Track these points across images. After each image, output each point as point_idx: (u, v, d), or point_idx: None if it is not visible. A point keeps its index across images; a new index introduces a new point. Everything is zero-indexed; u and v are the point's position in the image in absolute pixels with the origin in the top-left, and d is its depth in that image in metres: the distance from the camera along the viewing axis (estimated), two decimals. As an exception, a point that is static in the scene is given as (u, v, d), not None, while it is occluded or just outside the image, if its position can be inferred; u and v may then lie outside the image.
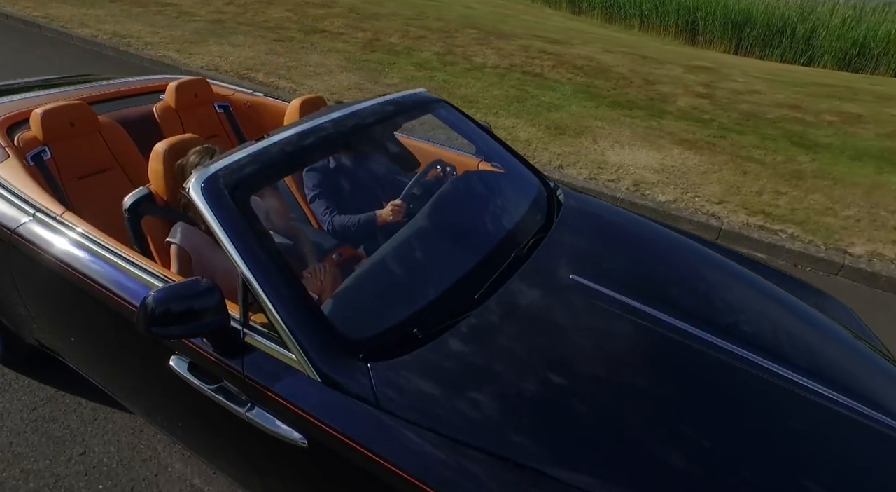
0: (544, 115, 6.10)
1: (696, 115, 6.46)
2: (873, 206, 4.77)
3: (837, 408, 1.54)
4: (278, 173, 1.92)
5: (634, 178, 4.79)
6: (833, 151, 5.84)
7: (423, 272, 1.84)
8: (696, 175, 5.02)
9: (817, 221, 4.41)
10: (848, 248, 4.02)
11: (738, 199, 4.66)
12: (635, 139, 5.63)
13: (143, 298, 1.38)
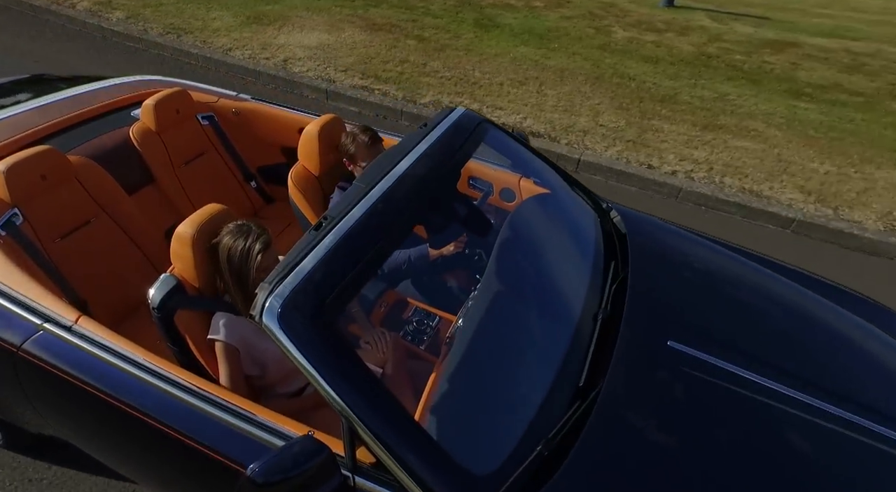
0: (253, 6, 6.88)
1: (409, 3, 7.24)
2: (475, 69, 5.86)
3: None
4: (365, 274, 1.52)
5: (287, 55, 5.77)
6: (505, 30, 6.92)
7: (518, 363, 1.69)
8: (345, 50, 6.06)
9: (415, 81, 5.52)
10: (417, 99, 5.15)
11: (363, 68, 5.78)
12: (322, 25, 6.50)
13: (248, 471, 1.28)
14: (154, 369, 1.62)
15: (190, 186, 2.86)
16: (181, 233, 1.74)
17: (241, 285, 1.74)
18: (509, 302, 1.83)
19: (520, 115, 5.26)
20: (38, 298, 1.77)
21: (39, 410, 1.92)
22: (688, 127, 5.25)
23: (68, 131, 2.58)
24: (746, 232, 4.15)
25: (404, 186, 1.65)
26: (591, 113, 5.41)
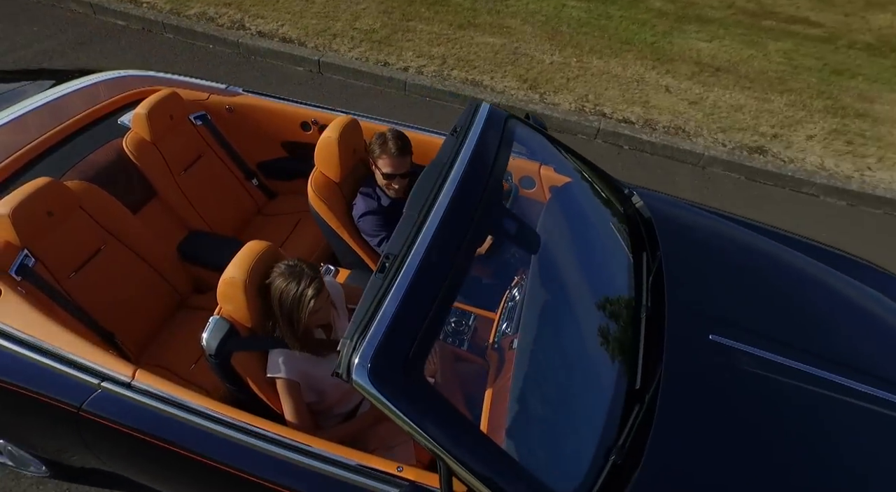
0: None
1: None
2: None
3: None
4: (442, 315, 1.55)
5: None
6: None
7: (578, 373, 1.78)
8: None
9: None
10: (183, 11, 4.58)
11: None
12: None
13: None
14: (214, 415, 1.71)
15: (192, 193, 2.76)
16: (231, 278, 1.79)
17: (292, 326, 1.83)
18: (560, 308, 1.96)
19: (278, 23, 5.26)
20: (90, 356, 1.79)
21: (100, 457, 1.98)
22: (443, 27, 5.70)
23: (54, 151, 2.43)
24: (453, 115, 4.33)
25: (457, 212, 1.67)
26: (350, 18, 5.52)
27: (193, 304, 2.68)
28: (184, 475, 1.88)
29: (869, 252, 3.00)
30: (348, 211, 2.50)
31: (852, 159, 4.75)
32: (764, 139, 4.87)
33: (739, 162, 4.60)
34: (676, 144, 4.67)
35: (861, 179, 4.57)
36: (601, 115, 4.89)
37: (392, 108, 4.78)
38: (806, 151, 4.77)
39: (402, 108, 4.80)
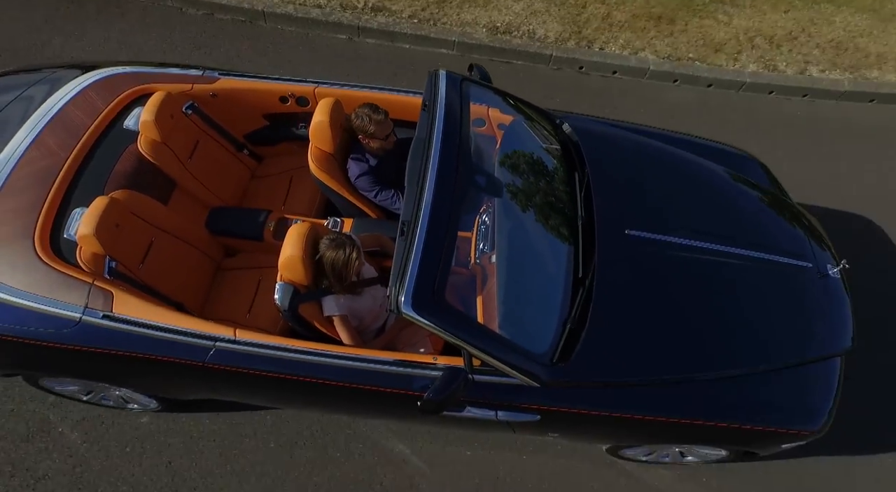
0: None
1: None
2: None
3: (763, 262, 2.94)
4: (449, 257, 2.34)
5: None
6: None
7: (539, 271, 2.68)
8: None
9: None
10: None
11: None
12: None
13: (427, 395, 2.26)
14: (297, 348, 2.49)
15: (201, 175, 3.24)
16: (290, 256, 2.45)
17: (340, 280, 2.56)
18: (521, 225, 2.72)
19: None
20: (202, 327, 2.49)
21: (217, 391, 2.84)
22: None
23: (84, 170, 2.82)
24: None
25: (444, 176, 2.40)
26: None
27: (227, 266, 3.33)
28: (279, 391, 2.71)
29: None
30: (344, 174, 3.13)
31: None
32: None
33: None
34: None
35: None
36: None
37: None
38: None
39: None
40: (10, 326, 2.47)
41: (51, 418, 3.21)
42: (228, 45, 4.96)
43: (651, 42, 5.28)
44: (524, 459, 3.29)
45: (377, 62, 5.02)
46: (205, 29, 5.04)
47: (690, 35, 5.36)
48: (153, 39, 4.91)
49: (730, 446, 2.89)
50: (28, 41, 4.74)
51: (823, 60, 5.30)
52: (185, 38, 4.95)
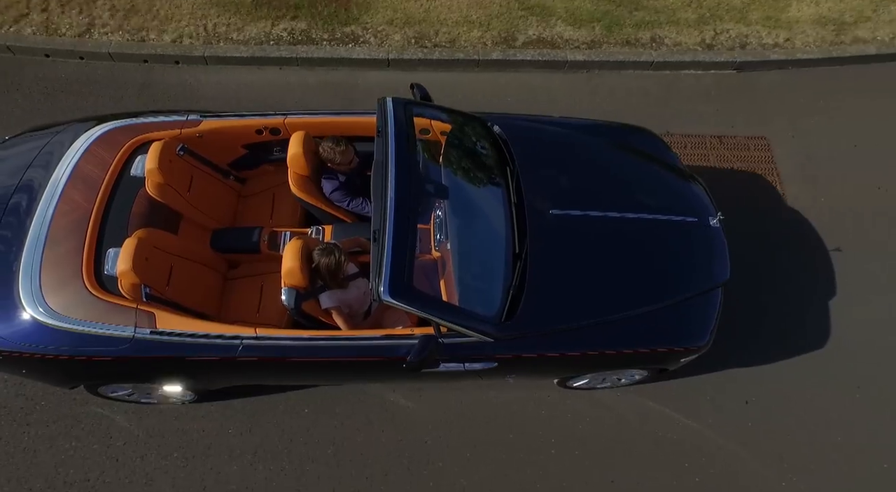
0: None
1: None
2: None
3: (652, 221, 3.75)
4: (413, 251, 3.12)
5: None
6: None
7: (486, 250, 3.43)
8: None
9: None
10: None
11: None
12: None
13: (409, 358, 3.04)
14: (305, 336, 3.23)
15: (199, 204, 3.87)
16: (290, 267, 3.13)
17: (334, 278, 3.27)
18: (469, 215, 3.46)
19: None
20: (229, 330, 3.21)
21: (249, 379, 3.67)
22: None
23: (108, 216, 3.42)
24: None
25: (403, 188, 3.14)
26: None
27: (232, 276, 4.02)
28: (293, 371, 3.50)
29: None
30: (320, 191, 3.84)
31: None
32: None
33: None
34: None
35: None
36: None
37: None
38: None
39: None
40: (80, 349, 3.15)
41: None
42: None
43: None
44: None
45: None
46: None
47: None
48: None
49: (648, 366, 3.76)
50: None
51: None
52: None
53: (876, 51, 5.86)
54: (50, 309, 3.14)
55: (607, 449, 4.02)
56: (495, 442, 4.01)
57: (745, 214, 4.77)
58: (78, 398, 3.97)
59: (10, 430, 3.90)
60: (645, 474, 3.95)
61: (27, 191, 3.51)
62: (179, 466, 3.86)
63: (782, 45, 5.90)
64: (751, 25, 5.99)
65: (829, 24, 6.00)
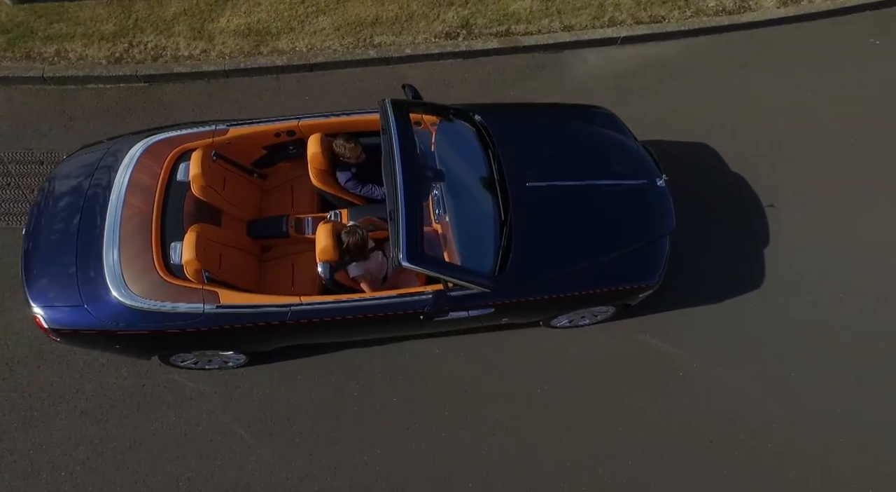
0: None
1: None
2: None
3: (608, 188, 4.63)
4: (422, 223, 3.96)
5: None
6: None
7: (478, 220, 4.22)
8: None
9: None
10: None
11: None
12: None
13: (426, 309, 3.98)
14: (340, 300, 4.00)
15: (233, 200, 4.57)
16: (324, 246, 3.94)
17: (360, 252, 4.07)
18: (462, 192, 4.26)
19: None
20: (276, 301, 3.99)
21: (294, 338, 4.41)
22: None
23: (165, 217, 4.15)
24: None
25: (409, 174, 3.93)
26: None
27: (266, 259, 4.79)
28: (332, 328, 4.24)
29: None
30: (336, 181, 4.63)
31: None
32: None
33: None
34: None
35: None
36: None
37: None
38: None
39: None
40: (163, 325, 3.94)
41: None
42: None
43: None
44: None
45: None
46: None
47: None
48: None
49: (615, 302, 4.66)
50: None
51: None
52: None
53: (286, 62, 6.09)
54: (134, 295, 3.91)
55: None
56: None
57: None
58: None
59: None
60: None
61: (95, 199, 4.22)
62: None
63: (197, 56, 6.03)
64: (172, 37, 6.09)
65: (253, 35, 6.17)
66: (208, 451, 4.59)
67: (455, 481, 4.56)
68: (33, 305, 3.97)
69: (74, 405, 4.68)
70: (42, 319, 3.94)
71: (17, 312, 4.90)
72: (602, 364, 5.00)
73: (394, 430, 4.71)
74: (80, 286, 3.96)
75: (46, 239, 4.15)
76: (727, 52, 6.58)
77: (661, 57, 6.56)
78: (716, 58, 6.56)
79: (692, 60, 6.54)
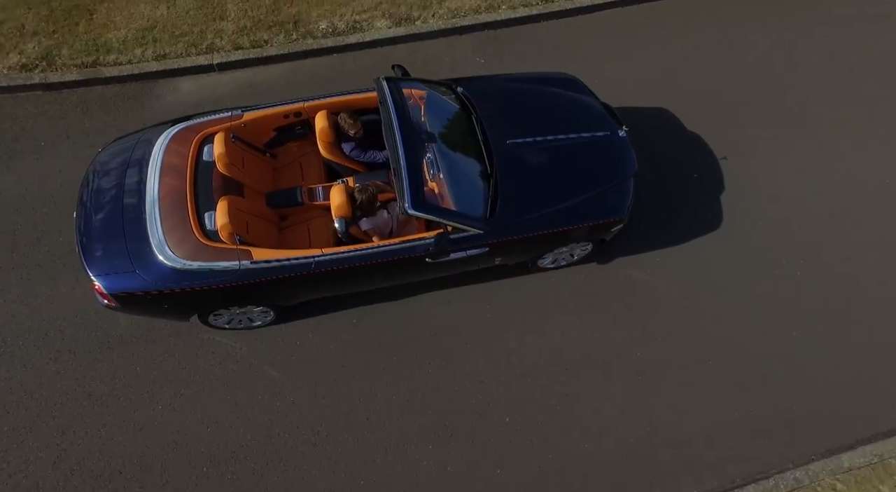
0: None
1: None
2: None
3: (573, 141, 5.39)
4: (422, 178, 4.71)
5: None
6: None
7: (469, 173, 5.02)
8: None
9: None
10: None
11: None
12: None
13: (431, 249, 4.77)
14: (356, 249, 4.67)
15: (252, 176, 5.22)
16: (339, 203, 4.65)
17: (370, 208, 4.81)
18: (452, 152, 4.97)
19: None
20: (302, 253, 4.65)
21: (318, 289, 5.07)
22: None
23: (198, 190, 4.82)
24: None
25: (407, 137, 4.63)
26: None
27: (284, 225, 5.45)
28: (351, 277, 4.93)
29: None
30: (341, 151, 5.31)
31: None
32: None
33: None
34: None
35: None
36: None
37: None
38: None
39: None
40: (206, 283, 4.58)
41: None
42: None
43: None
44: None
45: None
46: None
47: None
48: None
49: (591, 237, 5.39)
50: None
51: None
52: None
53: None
54: (178, 258, 4.55)
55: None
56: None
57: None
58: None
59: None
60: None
61: (134, 180, 4.87)
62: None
63: None
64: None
65: None
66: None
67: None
68: (91, 276, 4.59)
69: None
70: (101, 287, 4.57)
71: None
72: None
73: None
74: (130, 255, 4.59)
75: (96, 218, 4.78)
76: (328, 74, 6.80)
77: (259, 81, 6.77)
78: (316, 80, 6.75)
79: (292, 83, 6.76)
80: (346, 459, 5.01)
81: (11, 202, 5.99)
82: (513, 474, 5.00)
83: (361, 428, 5.14)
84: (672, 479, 5.01)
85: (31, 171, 6.15)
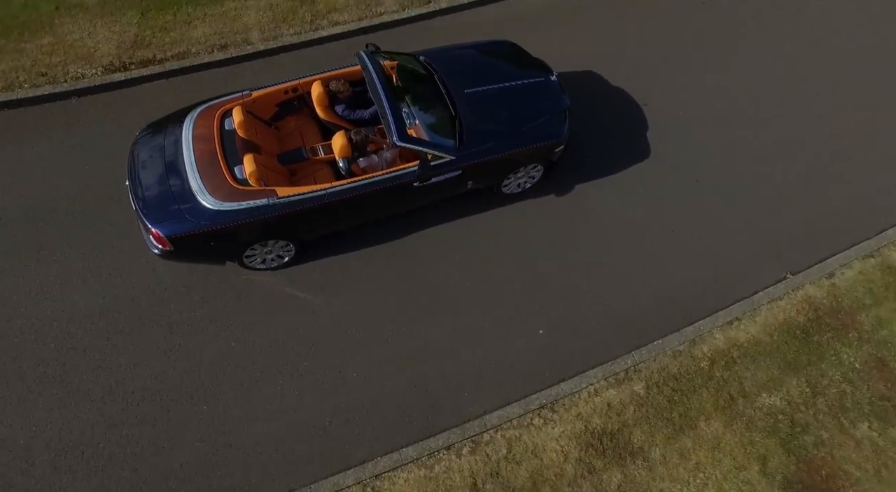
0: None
1: None
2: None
3: (504, 88, 6.93)
4: (404, 121, 6.11)
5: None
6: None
7: (443, 118, 6.45)
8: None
9: None
10: None
11: None
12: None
13: (416, 173, 6.15)
14: (360, 180, 5.99)
15: (265, 141, 6.42)
16: (341, 145, 5.96)
17: (364, 147, 6.18)
18: (422, 104, 6.41)
19: None
20: (317, 187, 5.93)
21: (332, 224, 6.42)
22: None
23: (227, 151, 6.01)
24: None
25: (388, 92, 6.03)
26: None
27: (293, 181, 6.68)
28: (360, 206, 6.22)
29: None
30: (335, 112, 6.64)
31: None
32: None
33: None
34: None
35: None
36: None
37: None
38: None
39: None
40: (243, 219, 5.78)
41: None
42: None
43: None
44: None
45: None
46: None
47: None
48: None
49: (542, 160, 6.81)
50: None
51: None
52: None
53: None
54: (218, 201, 5.77)
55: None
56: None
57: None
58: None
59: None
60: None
61: (172, 150, 6.08)
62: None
63: None
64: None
65: None
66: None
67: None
68: (150, 226, 5.77)
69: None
70: (159, 232, 5.74)
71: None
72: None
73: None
74: (179, 204, 5.79)
75: (145, 181, 5.96)
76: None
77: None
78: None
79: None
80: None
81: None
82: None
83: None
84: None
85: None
